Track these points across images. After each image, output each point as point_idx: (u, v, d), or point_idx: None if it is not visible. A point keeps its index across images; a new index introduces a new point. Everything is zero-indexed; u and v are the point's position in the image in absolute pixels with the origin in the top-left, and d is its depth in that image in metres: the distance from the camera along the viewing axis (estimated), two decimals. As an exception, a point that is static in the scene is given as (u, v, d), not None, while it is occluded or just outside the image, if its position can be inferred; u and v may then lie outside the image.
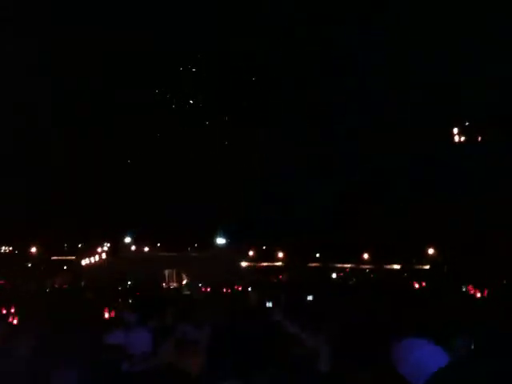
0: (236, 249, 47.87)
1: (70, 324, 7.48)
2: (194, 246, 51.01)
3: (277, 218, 43.79)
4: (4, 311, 10.32)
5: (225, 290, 22.88)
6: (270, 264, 49.65)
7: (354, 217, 42.23)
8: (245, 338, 5.52)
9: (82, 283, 34.90)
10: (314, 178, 44.69)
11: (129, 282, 33.18)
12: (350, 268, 49.14)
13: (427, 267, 43.64)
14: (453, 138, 39.86)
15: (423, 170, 41.39)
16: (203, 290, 21.56)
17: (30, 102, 44.40)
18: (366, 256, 48.50)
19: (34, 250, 50.33)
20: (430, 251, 44.40)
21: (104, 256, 50.49)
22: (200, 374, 3.70)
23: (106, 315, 9.93)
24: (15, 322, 9.46)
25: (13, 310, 10.59)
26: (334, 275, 44.72)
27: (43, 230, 47.22)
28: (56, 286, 30.62)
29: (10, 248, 52.68)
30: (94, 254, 50.58)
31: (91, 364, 3.71)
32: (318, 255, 50.56)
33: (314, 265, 49.37)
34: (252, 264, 49.47)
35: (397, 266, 46.59)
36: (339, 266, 48.77)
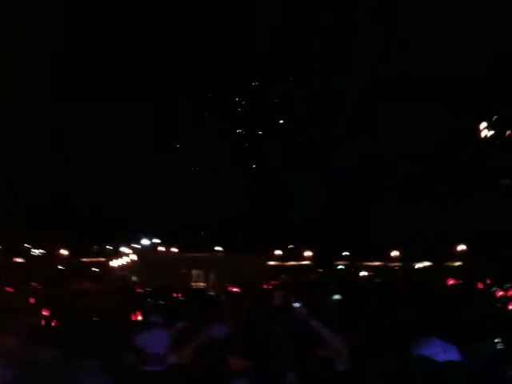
0: (263, 248, 47.86)
1: (98, 325, 7.62)
2: (221, 246, 51.22)
3: (298, 216, 44.07)
4: (44, 312, 10.54)
5: (251, 290, 22.86)
6: (297, 263, 49.50)
7: (375, 214, 42.19)
8: (270, 337, 5.52)
9: (112, 285, 35.38)
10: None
11: (157, 283, 33.45)
12: (378, 266, 48.63)
13: (458, 264, 42.94)
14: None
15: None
16: (231, 289, 21.58)
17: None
18: (394, 253, 47.92)
19: (63, 252, 51.21)
20: (460, 247, 43.65)
21: (133, 257, 51.07)
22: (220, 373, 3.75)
23: (139, 318, 10.04)
24: (52, 324, 9.66)
25: (45, 313, 10.77)
26: (362, 273, 44.34)
27: (71, 231, 48.07)
28: (86, 287, 31.10)
29: (41, 251, 53.73)
30: (122, 255, 51.22)
31: (111, 365, 3.80)
32: (345, 253, 50.24)
33: (341, 263, 49.03)
34: (279, 263, 49.41)
35: (427, 263, 45.91)
36: (367, 264, 48.31)
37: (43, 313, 10.49)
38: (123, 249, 51.83)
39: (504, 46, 36.41)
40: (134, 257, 50.97)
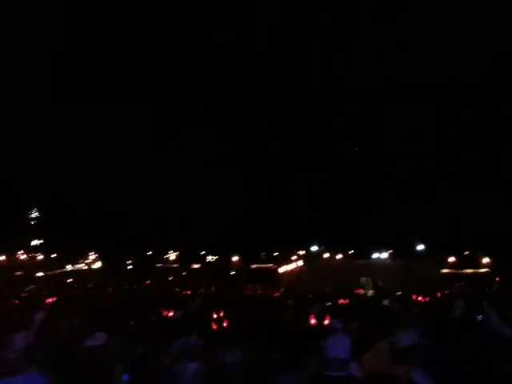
0: (435, 255, 45.22)
1: (273, 331, 7.61)
2: (389, 253, 49.61)
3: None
4: (215, 315, 10.98)
5: (421, 299, 21.59)
6: (474, 271, 45.75)
7: None
8: (458, 351, 5.01)
9: (281, 290, 36.19)
10: None
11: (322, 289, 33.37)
12: None
13: None
14: None
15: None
16: (415, 298, 20.76)
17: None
18: None
19: (235, 258, 54.04)
20: None
21: (300, 263, 51.93)
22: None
23: (312, 321, 10.08)
24: (225, 324, 10.04)
25: (214, 316, 11.20)
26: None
27: (242, 239, 50.46)
28: (255, 292, 32.25)
29: (216, 257, 57.38)
30: (289, 261, 52.38)
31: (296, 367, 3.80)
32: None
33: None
34: (453, 271, 46.21)
35: None
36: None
37: (213, 315, 10.94)
38: (290, 255, 53.01)
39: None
40: (301, 262, 51.76)
